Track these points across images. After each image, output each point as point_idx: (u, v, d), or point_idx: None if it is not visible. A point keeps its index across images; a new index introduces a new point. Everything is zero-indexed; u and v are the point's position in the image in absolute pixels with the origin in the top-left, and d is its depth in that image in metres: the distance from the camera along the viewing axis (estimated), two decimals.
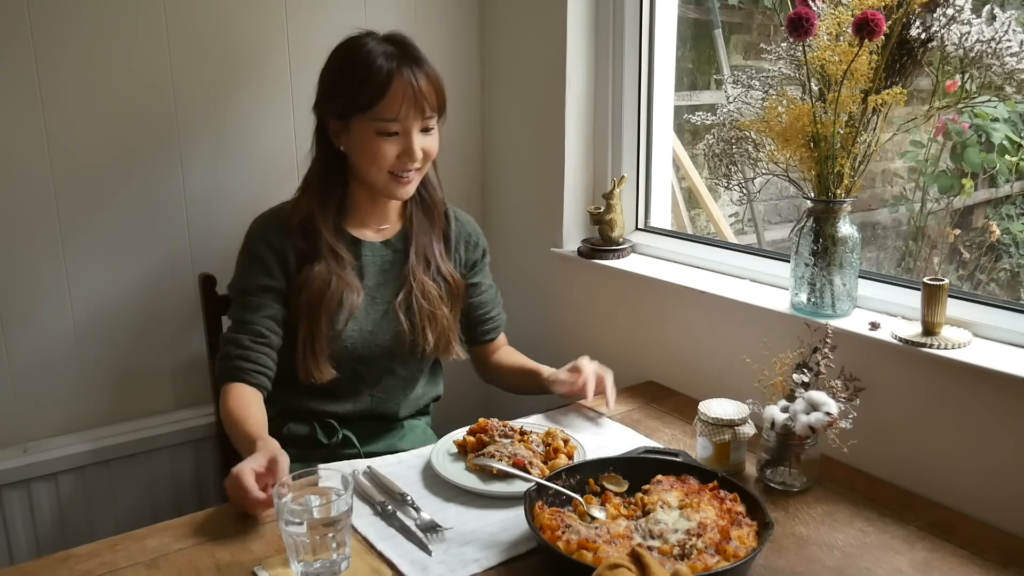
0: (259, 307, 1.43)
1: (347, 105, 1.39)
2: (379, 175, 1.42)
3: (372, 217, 1.52)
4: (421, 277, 1.51)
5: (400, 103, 1.37)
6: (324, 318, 1.43)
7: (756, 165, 1.48)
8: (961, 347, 1.24)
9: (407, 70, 1.37)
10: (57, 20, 1.59)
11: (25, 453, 1.66)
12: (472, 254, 1.63)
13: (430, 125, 1.43)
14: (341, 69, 1.42)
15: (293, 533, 1.02)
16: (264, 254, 1.44)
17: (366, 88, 1.36)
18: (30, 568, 1.10)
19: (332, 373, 1.45)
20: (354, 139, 1.41)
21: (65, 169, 1.65)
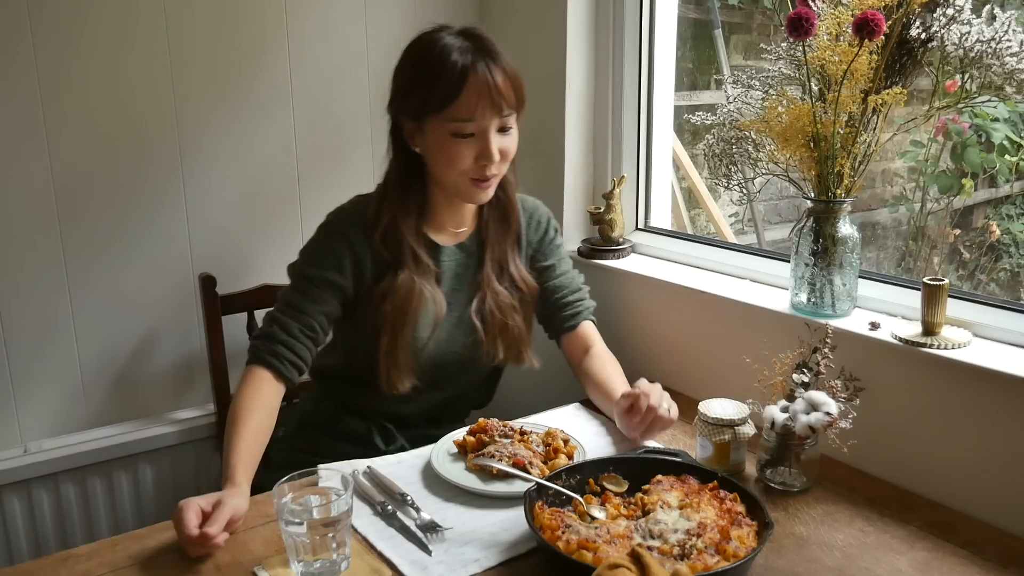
0: (319, 300, 1.38)
1: (421, 106, 1.33)
2: (457, 179, 1.36)
3: (449, 220, 1.47)
4: (495, 285, 1.46)
5: (476, 102, 1.30)
6: (408, 328, 1.39)
7: (756, 165, 1.48)
8: (961, 347, 1.24)
9: (482, 66, 1.30)
10: (57, 21, 1.59)
11: (25, 453, 1.66)
12: (538, 235, 1.56)
13: (508, 124, 1.36)
14: (413, 67, 1.35)
15: (293, 533, 1.02)
16: (341, 250, 1.39)
17: (440, 87, 1.30)
18: (30, 568, 1.10)
19: (413, 382, 1.41)
20: (429, 141, 1.35)
21: (65, 169, 1.65)
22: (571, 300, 1.58)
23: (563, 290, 1.57)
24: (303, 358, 1.37)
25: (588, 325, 1.59)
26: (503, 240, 1.49)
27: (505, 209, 1.49)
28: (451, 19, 2.04)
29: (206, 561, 1.09)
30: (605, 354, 1.57)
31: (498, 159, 1.34)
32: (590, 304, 1.61)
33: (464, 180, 1.36)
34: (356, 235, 1.40)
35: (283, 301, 1.40)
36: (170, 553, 1.11)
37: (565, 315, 1.57)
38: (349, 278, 1.40)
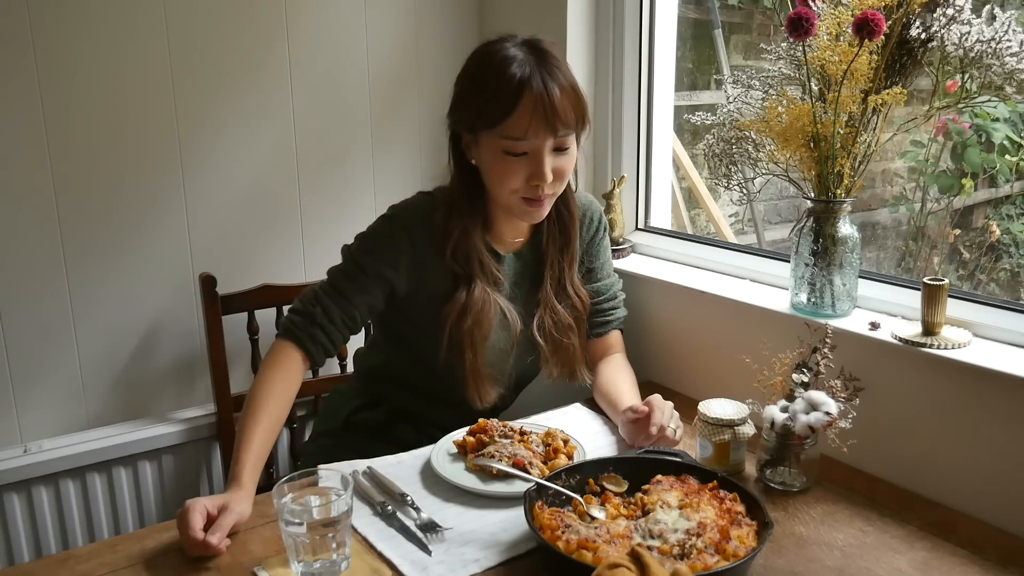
0: (367, 291, 1.36)
1: (475, 119, 1.30)
2: (508, 196, 1.32)
3: (508, 231, 1.45)
4: (553, 303, 1.44)
5: (529, 120, 1.25)
6: (489, 341, 1.38)
7: (756, 165, 1.48)
8: (961, 347, 1.24)
9: (538, 81, 1.25)
10: (57, 20, 1.59)
11: (25, 453, 1.66)
12: (588, 234, 1.53)
13: (565, 144, 1.30)
14: (471, 77, 1.32)
15: (293, 533, 1.02)
16: (403, 248, 1.37)
17: (493, 102, 1.26)
18: (30, 568, 1.10)
19: (497, 393, 1.41)
20: (483, 154, 1.32)
21: (65, 169, 1.65)
22: (605, 308, 1.56)
23: (600, 296, 1.55)
24: (336, 345, 1.36)
25: (615, 334, 1.59)
26: (562, 257, 1.47)
27: (565, 225, 1.46)
28: (451, 19, 2.06)
29: (206, 561, 1.09)
30: (623, 362, 1.57)
31: (551, 179, 1.30)
32: (622, 314, 1.60)
33: (515, 199, 1.33)
34: (420, 235, 1.37)
35: (331, 283, 1.37)
36: (170, 553, 1.11)
37: (596, 321, 1.55)
38: (403, 276, 1.38)
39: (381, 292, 1.38)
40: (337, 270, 1.39)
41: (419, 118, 2.05)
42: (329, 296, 1.35)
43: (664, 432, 1.30)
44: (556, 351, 1.46)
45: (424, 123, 2.06)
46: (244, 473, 1.19)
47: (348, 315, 1.35)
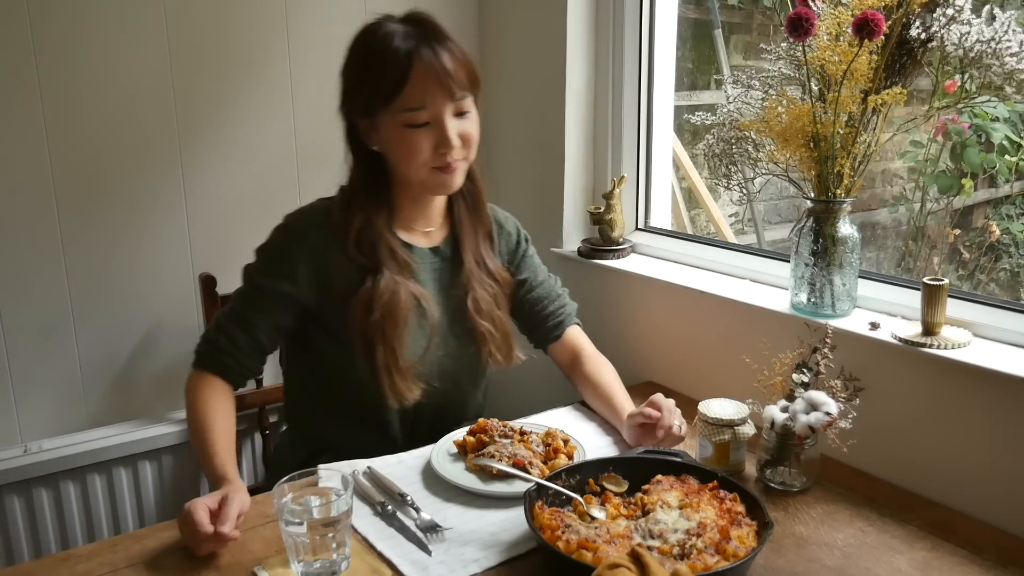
0: (268, 312, 1.33)
1: (368, 100, 1.27)
2: (419, 171, 1.30)
3: (418, 219, 1.41)
4: (475, 284, 1.41)
5: (424, 88, 1.24)
6: (403, 333, 1.32)
7: (756, 165, 1.48)
8: (961, 347, 1.24)
9: (427, 49, 1.24)
10: (58, 21, 1.59)
11: (25, 453, 1.66)
12: (510, 247, 1.52)
13: (464, 107, 1.29)
14: (358, 61, 1.29)
15: (293, 533, 1.02)
16: (294, 256, 1.33)
17: (385, 77, 1.24)
18: (30, 568, 1.10)
19: (420, 389, 1.35)
20: (385, 136, 1.29)
21: (65, 169, 1.65)
22: (552, 310, 1.55)
23: (543, 301, 1.54)
24: (251, 369, 1.35)
25: (574, 330, 1.57)
26: (476, 234, 1.44)
27: (475, 200, 1.44)
28: (451, 19, 2.05)
29: (206, 561, 1.09)
30: (597, 357, 1.55)
31: (458, 144, 1.29)
32: (572, 308, 1.58)
33: (427, 171, 1.30)
34: (318, 238, 1.34)
35: (232, 308, 1.35)
36: (170, 553, 1.11)
37: (549, 325, 1.55)
38: (306, 289, 1.33)
39: (285, 310, 1.34)
40: (237, 293, 1.37)
41: None
42: (231, 321, 1.33)
43: (671, 432, 1.30)
44: (495, 329, 1.42)
45: None
46: (228, 470, 1.19)
47: (253, 339, 1.33)
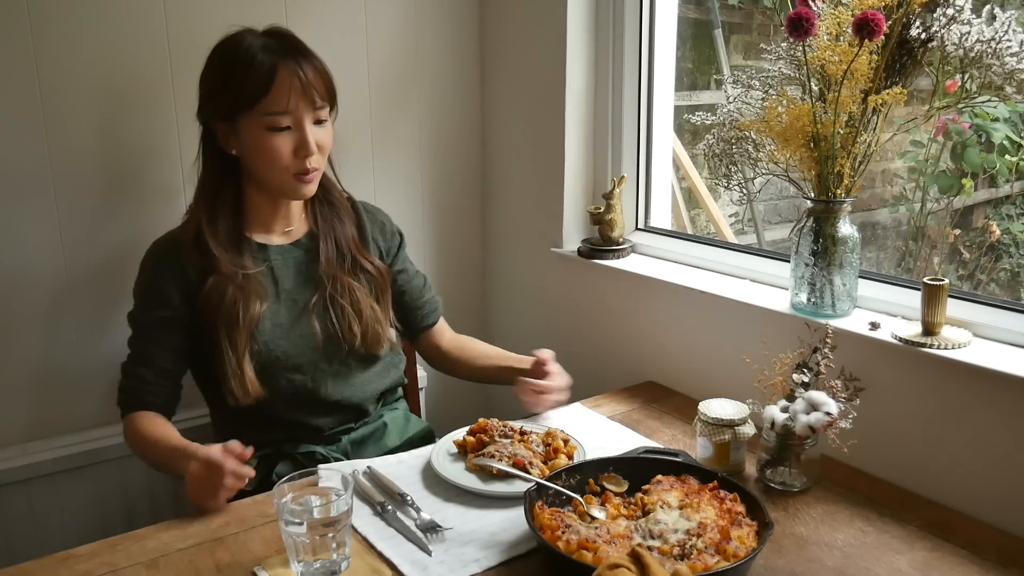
0: (159, 341, 1.39)
1: (232, 103, 1.33)
2: (279, 175, 1.36)
3: (275, 220, 1.46)
4: (337, 275, 1.45)
5: (288, 93, 1.32)
6: (235, 331, 1.35)
7: (756, 165, 1.48)
8: (961, 347, 1.24)
9: (291, 60, 1.33)
10: (57, 17, 1.59)
11: (25, 453, 1.66)
12: (389, 242, 1.59)
13: (322, 116, 1.37)
14: (222, 67, 1.36)
15: (293, 533, 1.02)
16: (159, 282, 1.39)
17: (249, 82, 1.31)
18: (30, 568, 1.10)
19: (259, 389, 1.36)
20: (245, 139, 1.35)
21: (65, 169, 1.65)
22: (427, 299, 1.65)
23: (417, 291, 1.63)
24: (170, 396, 1.42)
25: (440, 323, 1.69)
26: (338, 229, 1.49)
27: (332, 202, 1.51)
28: (451, 19, 2.06)
29: (206, 561, 1.09)
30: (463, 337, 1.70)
31: (316, 151, 1.36)
32: (439, 301, 1.68)
33: (286, 176, 1.36)
34: (168, 259, 1.39)
35: (130, 352, 1.43)
36: (170, 553, 1.11)
37: (423, 313, 1.64)
38: (179, 305, 1.38)
39: (176, 333, 1.40)
40: (130, 338, 1.44)
41: (419, 118, 2.05)
42: (135, 364, 1.41)
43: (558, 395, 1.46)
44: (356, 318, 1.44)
45: (424, 123, 2.06)
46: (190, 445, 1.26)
47: (159, 371, 1.40)
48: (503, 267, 2.18)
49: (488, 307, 2.26)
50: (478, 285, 2.25)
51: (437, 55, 2.05)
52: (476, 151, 2.17)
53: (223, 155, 1.39)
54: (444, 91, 2.09)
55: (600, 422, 1.51)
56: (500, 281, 2.19)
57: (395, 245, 1.60)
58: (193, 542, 1.14)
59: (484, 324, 2.26)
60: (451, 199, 2.15)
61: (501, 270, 2.19)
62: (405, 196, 2.08)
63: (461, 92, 2.11)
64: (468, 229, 2.21)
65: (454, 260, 2.20)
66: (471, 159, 2.17)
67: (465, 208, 2.19)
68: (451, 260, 2.20)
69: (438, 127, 2.09)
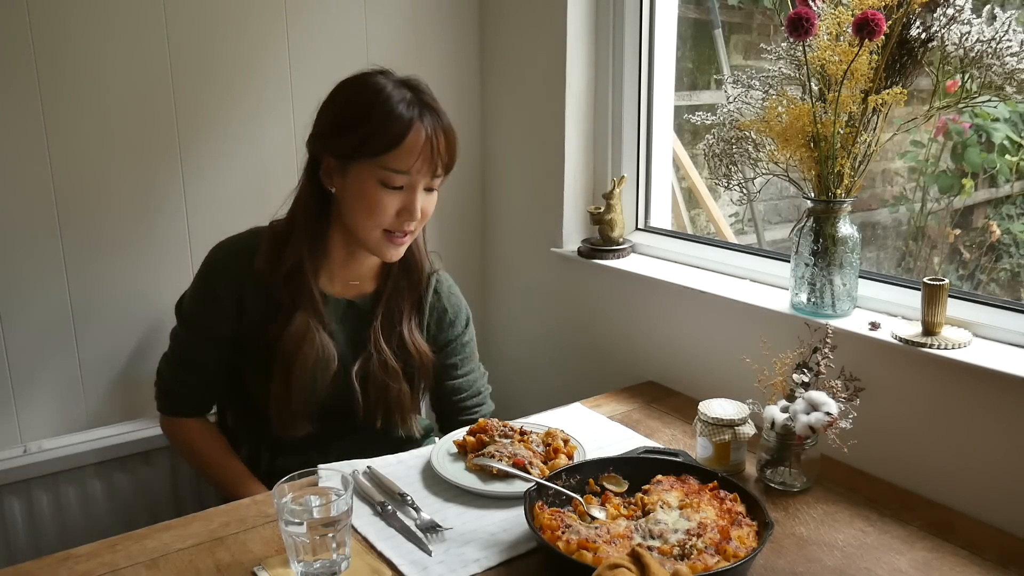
0: (209, 351, 1.40)
1: (355, 147, 1.27)
2: (373, 230, 1.31)
3: (344, 270, 1.41)
4: (381, 345, 1.40)
5: (417, 156, 1.26)
6: (300, 371, 1.34)
7: (756, 165, 1.48)
8: (961, 347, 1.24)
9: (429, 121, 1.28)
10: (58, 22, 1.59)
11: (25, 453, 1.66)
12: (446, 333, 1.51)
13: (435, 185, 1.33)
14: (353, 106, 1.29)
15: (293, 533, 1.02)
16: (222, 293, 1.36)
17: (382, 133, 1.25)
18: (30, 568, 1.10)
19: (307, 429, 1.38)
20: (351, 184, 1.30)
21: (65, 169, 1.65)
22: (469, 405, 1.55)
23: (463, 392, 1.54)
24: (212, 398, 1.45)
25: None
26: (401, 299, 1.43)
27: (410, 271, 1.44)
28: (451, 19, 2.05)
29: (206, 561, 1.09)
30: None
31: (418, 217, 1.31)
32: (489, 410, 1.58)
33: (378, 233, 1.31)
34: (239, 271, 1.36)
35: (175, 350, 1.43)
36: (170, 553, 1.11)
37: (461, 420, 1.54)
38: (235, 321, 1.37)
39: (223, 347, 1.40)
40: (174, 333, 1.44)
41: None
42: (177, 363, 1.42)
43: None
44: (383, 395, 1.41)
45: None
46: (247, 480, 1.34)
47: (207, 380, 1.42)
48: (503, 267, 2.18)
49: (488, 307, 2.26)
50: (478, 285, 2.25)
51: (437, 55, 2.05)
52: (476, 151, 2.17)
53: (322, 188, 1.34)
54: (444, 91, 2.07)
55: (600, 422, 1.51)
56: (500, 281, 2.19)
57: (452, 337, 1.51)
58: (193, 542, 1.14)
59: (484, 324, 2.26)
60: (451, 199, 2.15)
61: (501, 270, 2.19)
62: None
63: (461, 92, 2.11)
64: (468, 229, 2.21)
65: (454, 260, 2.20)
66: (471, 159, 2.17)
67: (465, 208, 2.19)
68: (451, 260, 2.19)
69: None
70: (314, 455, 1.41)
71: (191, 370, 1.41)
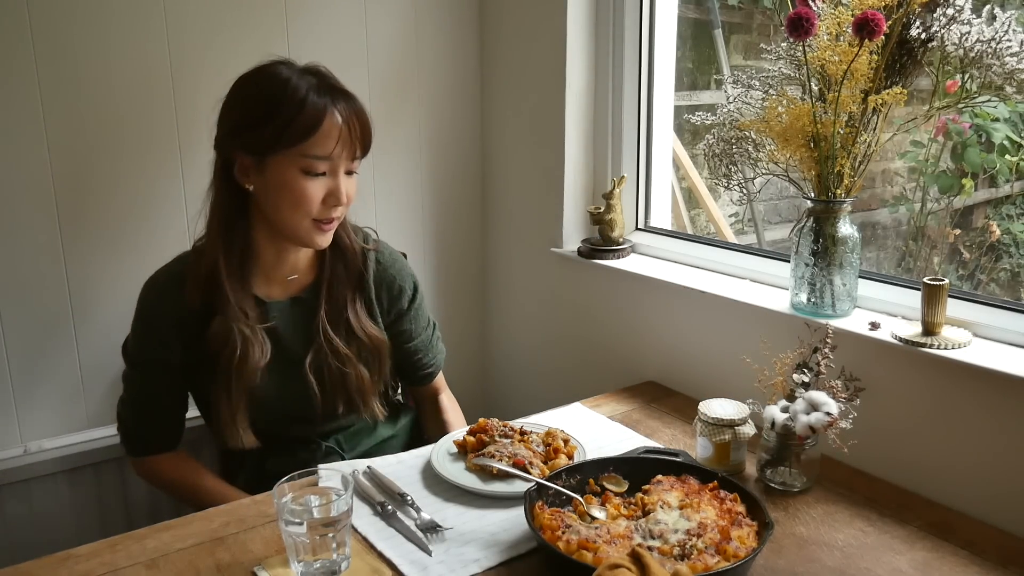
0: (161, 382, 1.38)
1: (269, 140, 1.24)
2: (301, 220, 1.28)
3: (278, 269, 1.38)
4: (330, 335, 1.38)
5: (335, 140, 1.25)
6: (232, 380, 1.31)
7: (756, 165, 1.48)
8: (961, 347, 1.24)
9: (342, 104, 1.26)
10: (57, 20, 1.59)
11: (25, 453, 1.66)
12: (397, 302, 1.49)
13: (355, 168, 1.32)
14: (260, 101, 1.26)
15: (293, 533, 1.02)
16: (158, 323, 1.34)
17: (296, 121, 1.23)
18: (30, 568, 1.10)
19: (253, 440, 1.35)
20: (271, 178, 1.26)
21: (66, 169, 1.65)
22: (424, 362, 1.57)
23: (418, 352, 1.55)
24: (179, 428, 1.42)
25: (436, 379, 1.62)
26: (342, 287, 1.42)
27: (344, 256, 1.42)
28: (451, 19, 2.05)
29: (206, 561, 1.09)
30: (449, 403, 1.63)
31: (344, 202, 1.30)
32: (440, 358, 1.61)
33: (306, 222, 1.29)
34: (169, 299, 1.34)
35: (129, 392, 1.40)
36: (170, 553, 1.11)
37: (418, 375, 1.58)
38: (177, 348, 1.35)
39: (173, 375, 1.38)
40: (125, 376, 1.41)
41: (419, 118, 2.05)
42: (133, 405, 1.40)
43: None
44: (341, 384, 1.40)
45: (424, 123, 2.06)
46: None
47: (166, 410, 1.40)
48: (503, 267, 2.18)
49: (488, 307, 2.26)
50: (478, 285, 2.25)
51: (437, 55, 2.05)
52: (476, 151, 2.17)
53: (238, 189, 1.30)
54: (444, 91, 2.09)
55: (600, 422, 1.51)
56: (500, 281, 2.19)
57: (403, 305, 1.50)
58: (193, 542, 1.14)
59: (484, 324, 2.26)
60: (451, 199, 2.15)
61: (501, 270, 2.19)
62: (405, 196, 2.08)
63: (461, 92, 2.11)
64: (468, 229, 2.21)
65: (454, 260, 2.20)
66: (471, 159, 2.17)
67: (465, 208, 2.19)
68: (451, 260, 2.20)
69: (438, 127, 2.09)
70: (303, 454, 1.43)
71: (149, 407, 1.39)
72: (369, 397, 1.44)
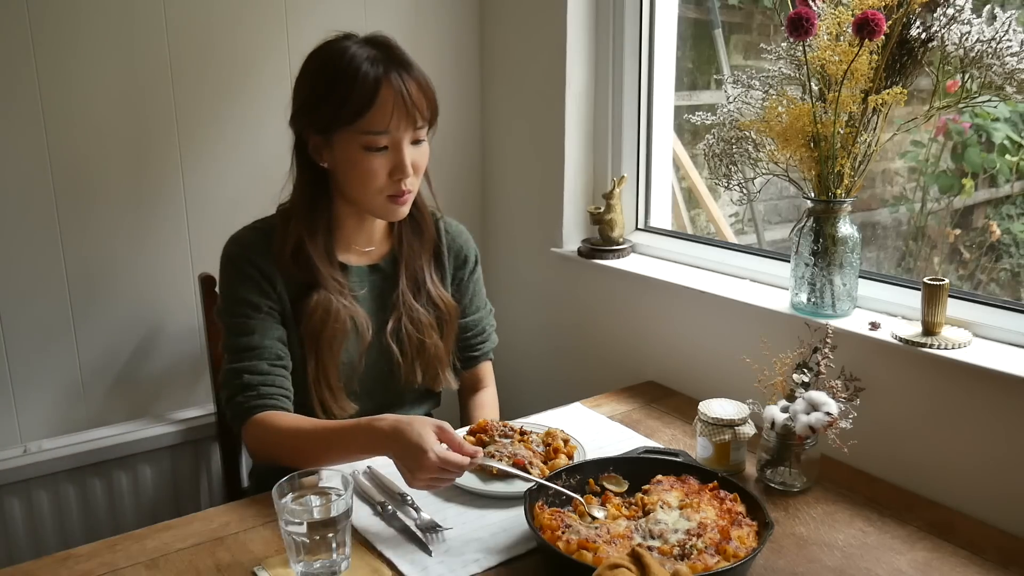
0: (266, 329, 1.30)
1: (329, 119, 1.25)
2: (372, 196, 1.29)
3: (358, 238, 1.40)
4: (411, 303, 1.40)
5: (390, 113, 1.24)
6: (334, 349, 1.32)
7: (756, 165, 1.48)
8: (961, 347, 1.24)
9: (395, 76, 1.24)
10: (57, 20, 1.59)
11: (25, 453, 1.66)
12: (460, 270, 1.51)
13: (421, 136, 1.30)
14: (320, 78, 1.27)
15: (293, 533, 1.02)
16: (254, 274, 1.32)
17: (351, 98, 1.23)
18: (30, 568, 1.10)
19: (353, 407, 1.36)
20: (338, 156, 1.28)
21: (65, 169, 1.65)
22: (475, 343, 1.55)
23: (470, 330, 1.54)
24: (287, 388, 1.31)
25: (485, 366, 1.59)
26: (418, 256, 1.43)
27: (420, 226, 1.43)
28: (451, 19, 2.05)
29: (206, 561, 1.09)
30: (490, 399, 1.58)
31: (412, 173, 1.29)
32: (492, 344, 1.59)
33: (379, 198, 1.30)
34: (261, 259, 1.32)
35: (230, 348, 1.31)
36: (170, 553, 1.11)
37: (466, 357, 1.55)
38: (275, 299, 1.33)
39: (280, 324, 1.33)
40: (228, 334, 1.33)
41: None
42: (240, 360, 1.29)
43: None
44: (419, 353, 1.41)
45: None
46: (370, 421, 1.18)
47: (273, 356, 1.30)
48: (503, 267, 2.18)
49: None
50: None
51: (437, 55, 2.05)
52: (476, 151, 2.17)
53: (315, 167, 1.32)
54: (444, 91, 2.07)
55: (600, 422, 1.51)
56: (500, 281, 2.19)
57: (465, 273, 1.51)
58: (193, 542, 1.14)
59: None
60: (451, 199, 2.15)
61: (501, 270, 2.19)
62: None
63: (461, 92, 2.11)
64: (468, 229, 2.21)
65: None
66: (471, 159, 2.17)
67: (465, 208, 2.19)
68: None
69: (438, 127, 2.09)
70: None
71: (256, 355, 1.29)
72: (444, 367, 1.46)
